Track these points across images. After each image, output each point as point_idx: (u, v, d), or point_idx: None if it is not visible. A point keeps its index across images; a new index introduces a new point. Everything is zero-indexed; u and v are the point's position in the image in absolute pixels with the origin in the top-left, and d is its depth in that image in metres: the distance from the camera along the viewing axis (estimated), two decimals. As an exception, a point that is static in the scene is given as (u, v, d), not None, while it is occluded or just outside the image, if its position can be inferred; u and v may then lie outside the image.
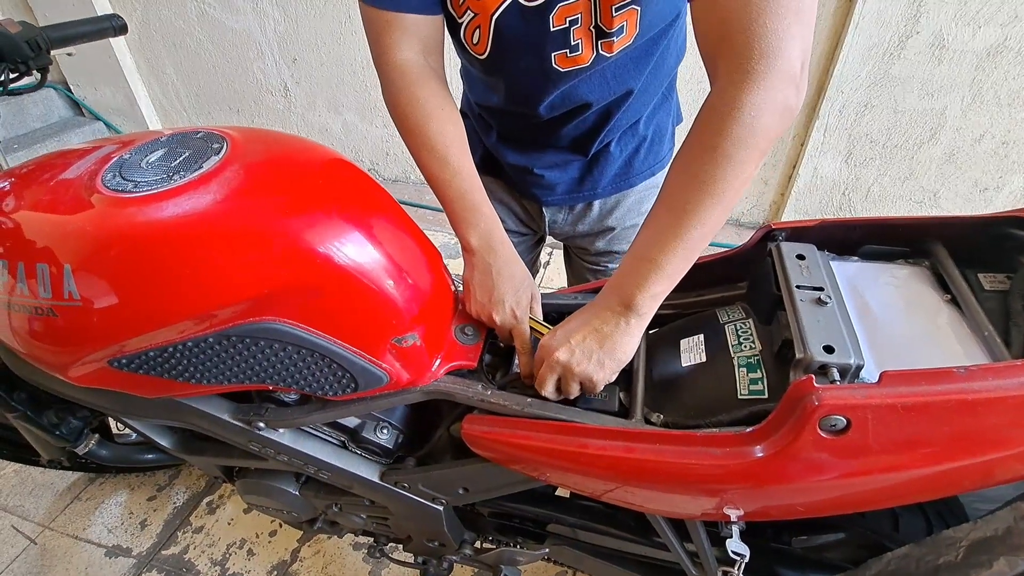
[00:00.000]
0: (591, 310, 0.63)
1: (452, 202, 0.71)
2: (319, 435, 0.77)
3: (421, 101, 0.69)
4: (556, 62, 0.69)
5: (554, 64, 0.69)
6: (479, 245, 0.71)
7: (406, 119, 0.70)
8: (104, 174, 0.59)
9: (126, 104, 2.88)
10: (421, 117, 0.69)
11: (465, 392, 0.66)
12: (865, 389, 0.46)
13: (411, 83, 0.69)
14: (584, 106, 0.77)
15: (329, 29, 2.45)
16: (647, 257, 0.57)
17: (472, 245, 0.71)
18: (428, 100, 0.69)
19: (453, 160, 0.70)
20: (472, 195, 0.71)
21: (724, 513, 0.58)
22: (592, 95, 0.75)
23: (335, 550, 1.30)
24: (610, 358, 0.61)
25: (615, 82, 0.75)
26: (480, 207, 0.71)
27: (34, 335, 0.59)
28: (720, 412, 0.59)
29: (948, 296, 0.56)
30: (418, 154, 0.71)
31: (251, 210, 0.54)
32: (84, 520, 1.36)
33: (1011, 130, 1.95)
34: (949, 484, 0.49)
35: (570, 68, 0.70)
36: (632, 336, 0.61)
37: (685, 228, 0.54)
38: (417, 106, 0.69)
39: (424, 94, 0.69)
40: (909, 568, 0.57)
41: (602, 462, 0.58)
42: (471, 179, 0.71)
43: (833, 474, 0.49)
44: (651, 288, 0.57)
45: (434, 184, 0.71)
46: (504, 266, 0.71)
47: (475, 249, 0.71)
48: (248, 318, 0.57)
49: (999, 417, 0.44)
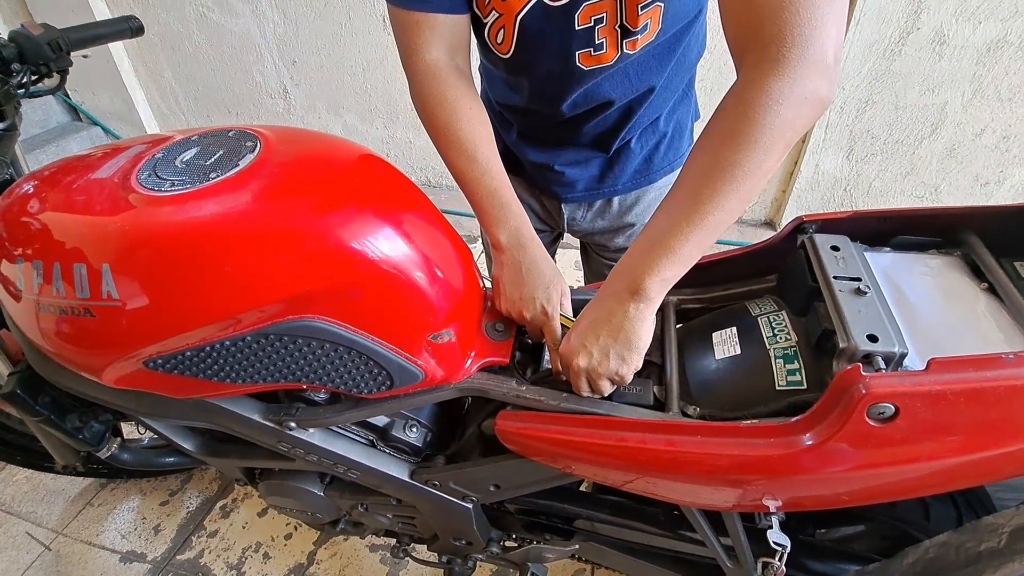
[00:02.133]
0: (597, 307, 0.62)
1: (481, 200, 0.71)
2: (348, 435, 0.77)
3: (450, 101, 0.69)
4: (580, 61, 0.69)
5: (578, 63, 0.70)
6: (508, 243, 0.71)
7: (435, 119, 0.70)
8: (138, 173, 0.58)
9: (124, 109, 2.86)
10: (450, 117, 0.69)
11: (499, 388, 0.66)
12: (913, 376, 0.46)
13: (439, 83, 0.69)
14: (606, 104, 0.77)
15: (329, 31, 2.45)
16: (660, 241, 0.55)
17: (502, 243, 0.71)
18: (457, 100, 0.69)
19: (482, 158, 0.70)
20: (501, 193, 0.71)
21: (763, 504, 0.59)
22: (614, 93, 0.75)
23: (352, 552, 1.30)
24: (628, 349, 0.60)
25: (637, 80, 0.75)
26: (509, 205, 0.71)
27: (69, 337, 0.59)
28: (758, 404, 0.59)
29: (985, 284, 0.56)
30: (447, 153, 0.71)
31: (292, 208, 0.54)
32: (97, 526, 1.35)
33: (1012, 124, 1.97)
34: (993, 470, 0.50)
35: (593, 67, 0.70)
36: (644, 321, 0.59)
37: (702, 213, 0.52)
38: (446, 106, 0.69)
39: (453, 94, 0.69)
40: (949, 555, 0.57)
41: (643, 455, 0.58)
42: (500, 177, 0.71)
43: (879, 462, 0.50)
44: (662, 272, 0.55)
45: (463, 182, 0.72)
46: (533, 263, 0.71)
47: (505, 247, 0.71)
48: (287, 316, 0.56)
49: (1047, 402, 0.45)
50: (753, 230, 2.50)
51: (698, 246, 0.54)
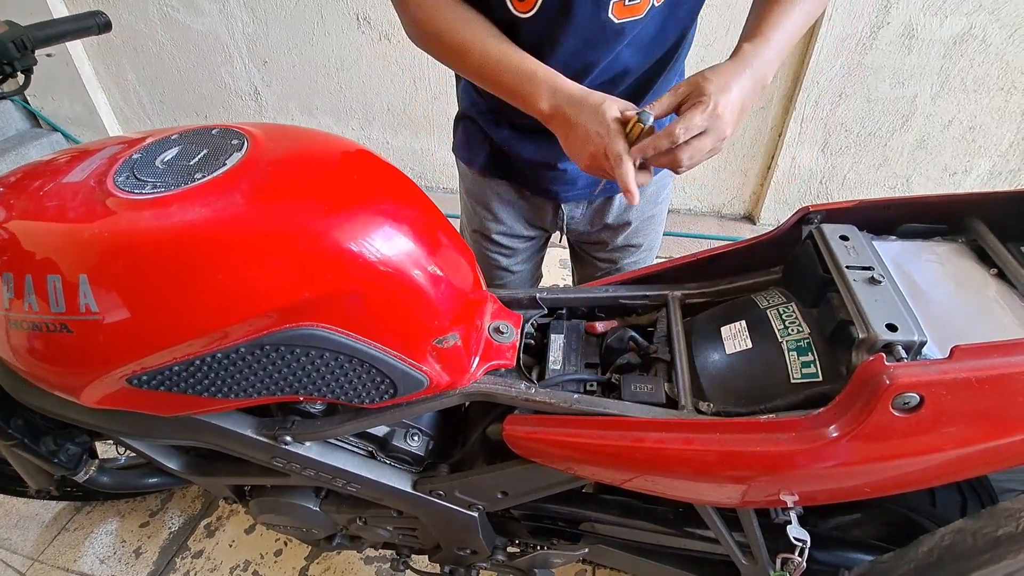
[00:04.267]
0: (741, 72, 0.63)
1: (507, 83, 0.69)
2: (346, 446, 0.73)
3: (447, 14, 0.69)
4: (613, 11, 0.67)
5: (610, 14, 0.68)
6: (553, 109, 0.67)
7: (440, 36, 0.70)
8: (115, 175, 0.54)
9: (85, 113, 2.74)
10: (450, 27, 0.69)
11: (507, 392, 0.64)
12: (938, 365, 0.45)
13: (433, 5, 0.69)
14: (624, 73, 0.76)
15: (301, 30, 2.38)
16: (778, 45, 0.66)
17: (545, 111, 0.67)
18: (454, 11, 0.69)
19: (493, 47, 0.68)
20: (523, 65, 0.68)
21: (781, 499, 0.58)
22: (633, 59, 0.75)
23: (346, 565, 1.26)
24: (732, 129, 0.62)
25: (656, 45, 0.75)
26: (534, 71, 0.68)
27: (43, 355, 0.54)
28: (774, 398, 0.58)
29: (994, 270, 0.56)
30: (461, 61, 0.71)
31: (287, 209, 0.51)
32: (74, 551, 1.28)
33: (977, 115, 2.04)
34: (1014, 456, 0.50)
35: (625, 20, 0.69)
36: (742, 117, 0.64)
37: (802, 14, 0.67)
38: (445, 22, 0.69)
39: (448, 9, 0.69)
40: (966, 542, 0.57)
41: (661, 455, 0.56)
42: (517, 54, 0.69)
43: (902, 452, 0.49)
44: (776, 70, 0.66)
45: (487, 79, 0.71)
46: (581, 108, 0.65)
47: (550, 114, 0.67)
48: (284, 325, 0.53)
49: (1069, 386, 0.44)
50: (733, 224, 2.53)
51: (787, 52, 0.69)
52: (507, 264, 1.04)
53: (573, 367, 0.69)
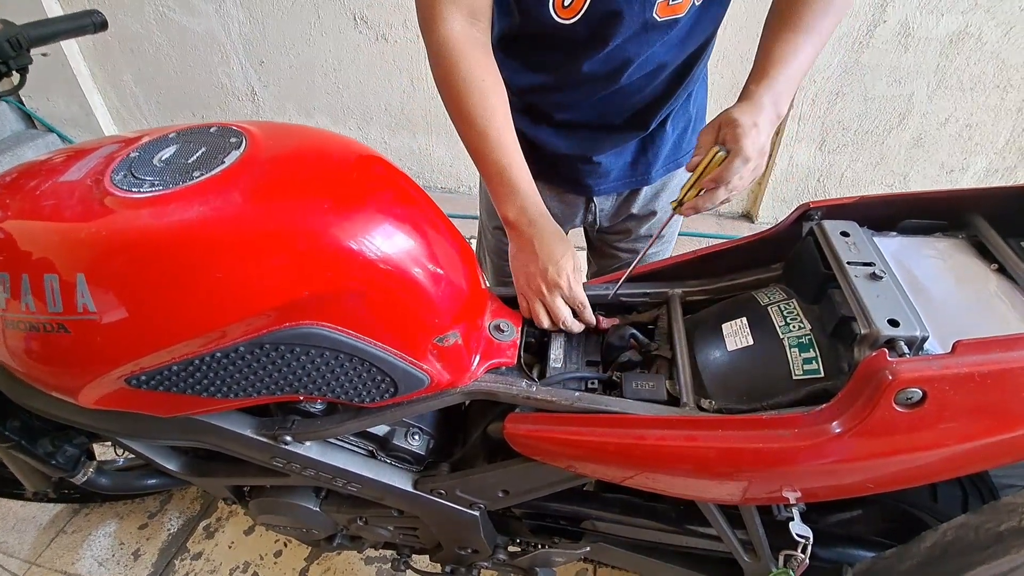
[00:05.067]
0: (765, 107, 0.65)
1: (491, 177, 0.71)
2: (347, 446, 0.73)
3: (463, 73, 0.68)
4: (657, 10, 0.69)
5: (655, 13, 0.69)
6: (517, 219, 0.70)
7: (448, 91, 0.70)
8: (113, 174, 0.54)
9: (81, 114, 2.73)
10: (463, 90, 0.68)
11: (509, 390, 0.64)
12: (940, 360, 0.45)
13: (455, 55, 0.67)
14: (659, 68, 0.78)
15: (298, 30, 2.38)
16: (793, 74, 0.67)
17: (510, 219, 0.71)
18: (470, 72, 0.68)
19: (493, 133, 0.69)
20: (511, 170, 0.70)
21: (783, 496, 0.58)
22: (669, 55, 0.77)
23: (346, 566, 1.25)
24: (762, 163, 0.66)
25: (690, 40, 0.77)
26: (518, 181, 0.70)
27: (40, 355, 0.54)
28: (775, 394, 0.58)
29: (995, 265, 0.56)
30: (460, 128, 0.71)
31: (287, 207, 0.51)
32: (72, 554, 1.27)
33: (973, 113, 2.04)
34: (1016, 450, 0.49)
35: (667, 18, 0.70)
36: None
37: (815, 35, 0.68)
38: (459, 80, 0.68)
39: (466, 66, 0.68)
40: (968, 537, 0.57)
41: (663, 452, 0.56)
42: (511, 153, 0.70)
43: (905, 448, 0.49)
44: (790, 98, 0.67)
45: (475, 158, 0.71)
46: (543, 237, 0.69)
47: (514, 223, 0.71)
48: (284, 324, 0.53)
49: (1070, 380, 0.44)
50: (731, 223, 2.53)
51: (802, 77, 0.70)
52: None
53: (574, 365, 0.69)
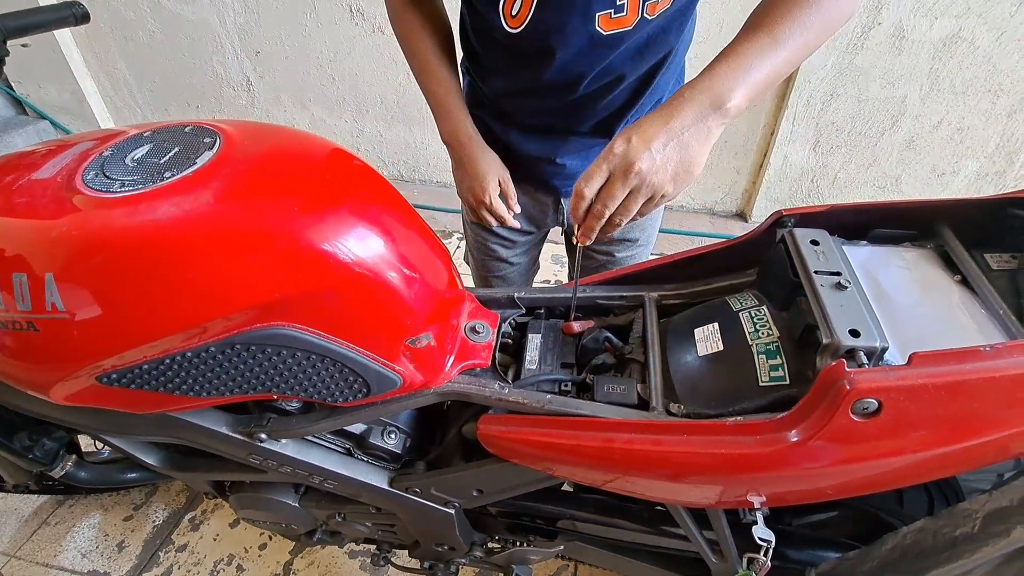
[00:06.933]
0: (670, 110, 0.58)
1: (431, 105, 0.85)
2: (323, 443, 0.74)
3: (408, 20, 0.83)
4: (600, 24, 0.68)
5: (598, 26, 0.69)
6: (449, 140, 0.85)
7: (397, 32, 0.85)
8: (84, 173, 0.54)
9: (74, 102, 2.71)
10: (407, 32, 0.84)
11: (482, 392, 0.64)
12: (896, 371, 0.46)
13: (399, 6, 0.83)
14: (618, 79, 0.77)
15: (293, 20, 2.36)
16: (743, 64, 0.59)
17: (445, 138, 0.85)
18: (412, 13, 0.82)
19: (427, 66, 0.83)
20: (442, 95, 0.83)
21: (748, 500, 0.58)
22: (626, 66, 0.76)
23: (330, 560, 1.26)
24: (685, 171, 0.59)
25: (649, 52, 0.76)
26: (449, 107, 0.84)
27: (10, 352, 0.54)
28: (742, 400, 0.58)
29: (958, 277, 0.57)
30: (408, 61, 0.85)
31: (257, 209, 0.51)
32: (55, 546, 1.28)
33: (965, 117, 2.05)
34: (971, 460, 0.50)
35: (612, 31, 0.69)
36: (707, 148, 0.59)
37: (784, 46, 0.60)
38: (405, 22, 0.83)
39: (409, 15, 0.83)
40: (926, 541, 0.58)
41: (629, 456, 0.57)
42: (446, 83, 0.84)
43: (863, 456, 0.50)
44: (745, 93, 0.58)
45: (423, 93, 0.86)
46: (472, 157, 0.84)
47: (448, 141, 0.86)
48: (255, 324, 0.53)
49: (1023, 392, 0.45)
50: (724, 222, 2.54)
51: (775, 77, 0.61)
52: (506, 255, 1.07)
53: (549, 367, 0.70)
